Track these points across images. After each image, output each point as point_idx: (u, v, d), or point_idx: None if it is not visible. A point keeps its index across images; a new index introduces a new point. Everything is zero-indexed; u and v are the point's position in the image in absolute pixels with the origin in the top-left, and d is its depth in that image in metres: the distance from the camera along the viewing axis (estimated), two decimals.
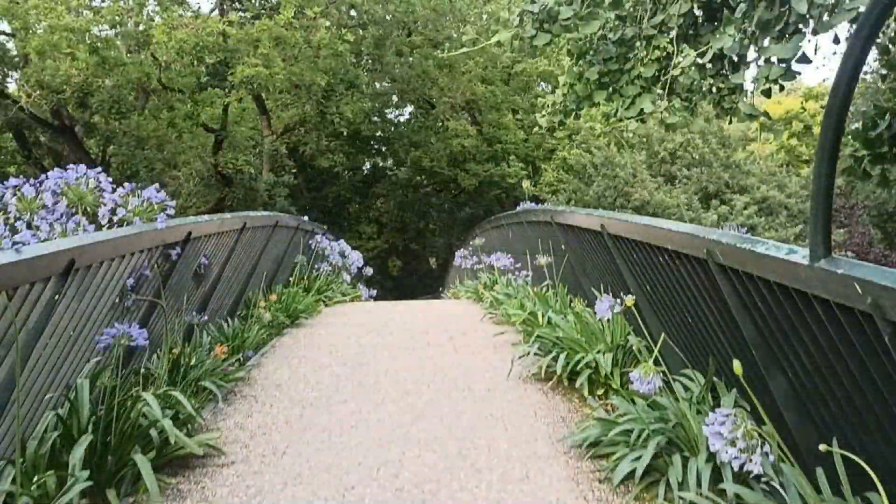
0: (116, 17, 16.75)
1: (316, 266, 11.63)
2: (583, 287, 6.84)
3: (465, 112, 33.05)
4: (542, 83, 36.84)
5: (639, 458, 3.84)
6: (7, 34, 19.40)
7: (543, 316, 7.31)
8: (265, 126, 26.12)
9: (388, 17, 23.93)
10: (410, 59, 26.83)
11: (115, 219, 4.38)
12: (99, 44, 16.56)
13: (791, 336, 2.81)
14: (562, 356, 5.76)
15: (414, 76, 26.60)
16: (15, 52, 19.68)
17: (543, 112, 5.38)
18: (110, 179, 4.88)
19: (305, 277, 11.34)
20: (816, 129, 34.79)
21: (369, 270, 17.52)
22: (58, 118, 25.08)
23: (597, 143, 27.07)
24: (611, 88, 4.68)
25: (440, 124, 31.88)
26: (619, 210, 24.48)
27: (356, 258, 13.20)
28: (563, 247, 7.02)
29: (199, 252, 5.42)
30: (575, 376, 5.67)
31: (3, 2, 15.57)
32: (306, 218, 11.35)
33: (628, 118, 4.86)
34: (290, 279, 10.66)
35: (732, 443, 2.76)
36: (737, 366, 2.88)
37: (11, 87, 23.41)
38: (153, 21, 17.70)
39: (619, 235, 4.72)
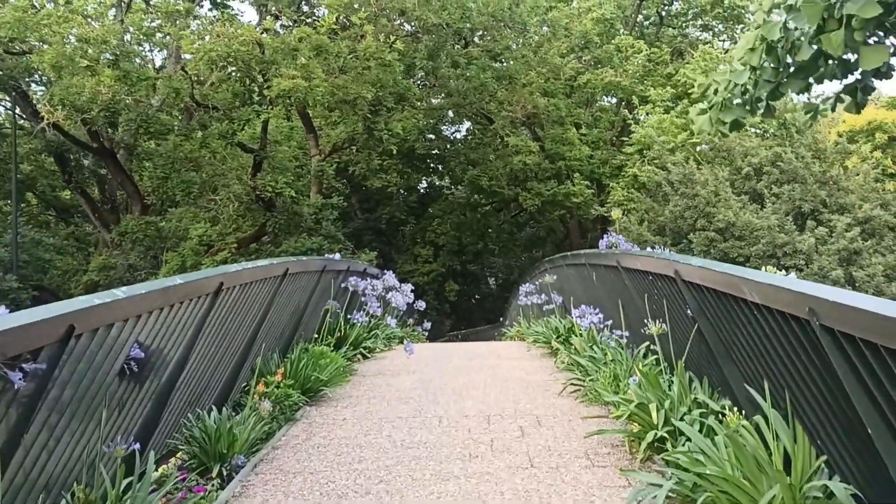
0: (142, 27, 15.10)
1: (349, 316, 9.57)
2: (723, 374, 4.56)
3: (525, 127, 30.81)
4: (606, 97, 34.46)
5: None
6: (16, 53, 17.96)
7: (658, 411, 5.05)
8: (312, 145, 24.37)
9: (443, 26, 21.93)
10: (467, 71, 24.77)
11: None
12: (120, 56, 14.91)
13: None
14: None
15: (471, 89, 24.51)
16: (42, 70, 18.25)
17: (705, 104, 3.06)
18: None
19: (338, 329, 9.27)
20: None
21: (422, 304, 15.41)
22: (97, 140, 23.81)
23: (672, 158, 24.49)
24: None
25: (499, 140, 29.72)
26: (700, 232, 21.90)
27: (401, 300, 11.06)
28: (689, 312, 4.76)
29: (114, 346, 3.35)
30: None
31: (15, 13, 14.03)
32: (338, 256, 9.31)
33: None
34: (316, 335, 8.59)
35: None
36: None
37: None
38: (182, 31, 15.99)
39: (862, 339, 2.46)
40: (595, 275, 8.00)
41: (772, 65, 2.61)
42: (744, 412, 4.11)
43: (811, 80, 2.63)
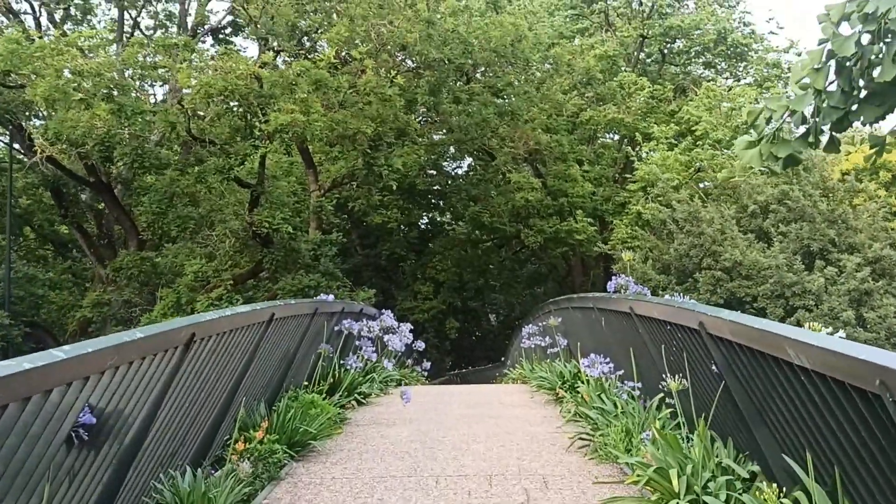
0: (138, 61, 14.81)
1: (343, 361, 9.07)
2: (753, 438, 4.07)
3: (528, 164, 30.54)
4: (608, 134, 34.20)
5: None
6: (12, 86, 17.65)
7: (679, 477, 4.55)
8: (312, 181, 24.03)
9: (445, 62, 21.69)
10: (469, 107, 24.51)
11: None
12: (115, 89, 14.60)
13: None
14: None
15: (472, 125, 24.22)
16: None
17: (753, 135, 2.52)
18: None
19: (331, 374, 8.77)
20: None
21: (421, 344, 14.93)
22: (93, 174, 23.52)
23: (677, 195, 24.11)
24: None
25: (501, 177, 29.41)
26: (706, 271, 21.41)
27: (399, 343, 10.57)
28: (714, 368, 4.29)
29: (55, 414, 2.88)
30: None
31: (8, 45, 13.74)
32: (331, 297, 8.84)
33: None
34: (307, 382, 8.09)
35: None
36: None
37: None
38: (180, 65, 15.68)
39: None
40: (604, 320, 7.53)
41: (842, 88, 2.17)
42: (783, 487, 3.61)
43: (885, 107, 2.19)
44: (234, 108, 19.91)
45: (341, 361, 9.15)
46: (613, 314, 7.00)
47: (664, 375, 4.99)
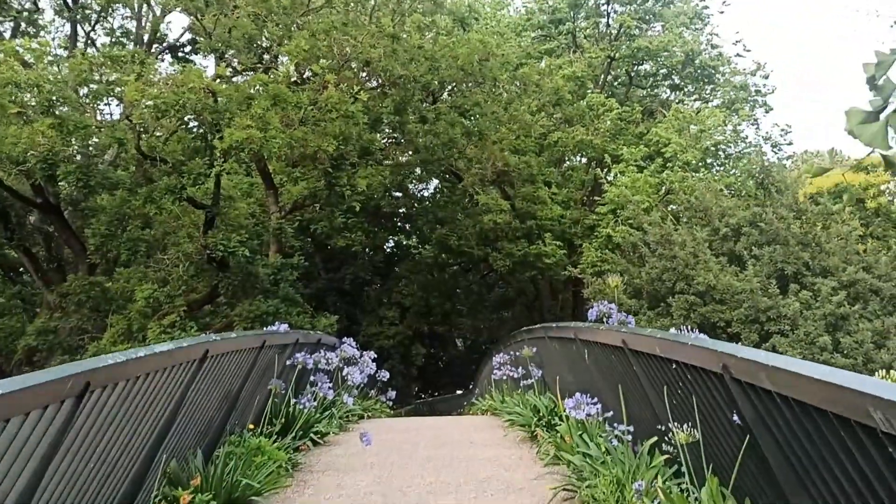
0: (81, 71, 13.84)
1: (295, 399, 8.17)
2: (785, 500, 3.30)
3: (495, 186, 29.88)
4: (576, 156, 33.75)
5: None
6: None
7: None
8: (272, 202, 23.08)
9: (410, 79, 20.97)
10: (435, 127, 23.82)
11: None
12: (57, 102, 13.62)
13: None
14: None
15: (439, 145, 23.52)
16: None
17: (873, 102, 1.72)
18: None
19: (283, 413, 7.87)
20: (870, 203, 31.08)
21: (385, 375, 14.08)
22: (41, 195, 22.32)
23: (648, 218, 23.59)
24: None
25: (468, 199, 28.73)
26: (679, 296, 20.84)
27: (359, 376, 9.72)
28: (735, 418, 3.53)
29: None
30: None
31: None
32: (284, 327, 7.97)
33: None
34: (252, 426, 7.19)
35: None
36: None
37: None
38: (127, 78, 14.70)
39: None
40: (588, 352, 6.76)
41: None
42: None
43: None
44: (191, 126, 18.96)
45: (295, 399, 8.25)
46: (600, 347, 6.23)
47: (669, 424, 4.23)
